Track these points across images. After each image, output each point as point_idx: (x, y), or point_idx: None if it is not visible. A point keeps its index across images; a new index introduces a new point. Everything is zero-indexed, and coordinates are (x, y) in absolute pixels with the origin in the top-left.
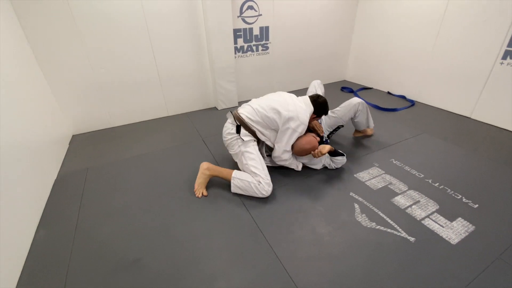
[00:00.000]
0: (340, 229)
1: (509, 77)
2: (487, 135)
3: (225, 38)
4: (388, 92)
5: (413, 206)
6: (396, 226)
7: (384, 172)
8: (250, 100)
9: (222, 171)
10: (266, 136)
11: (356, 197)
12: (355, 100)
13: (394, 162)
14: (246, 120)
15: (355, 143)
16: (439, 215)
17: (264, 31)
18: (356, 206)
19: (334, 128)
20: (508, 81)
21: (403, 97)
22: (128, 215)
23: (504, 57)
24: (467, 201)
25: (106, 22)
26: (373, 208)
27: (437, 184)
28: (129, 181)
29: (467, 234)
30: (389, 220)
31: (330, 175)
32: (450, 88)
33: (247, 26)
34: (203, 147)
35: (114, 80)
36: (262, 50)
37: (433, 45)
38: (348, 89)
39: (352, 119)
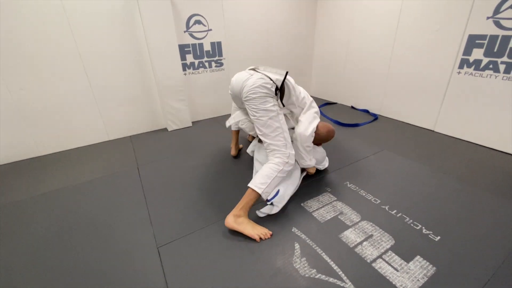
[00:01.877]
0: (271, 281)
1: (468, 86)
2: (452, 150)
3: (170, 55)
4: (352, 107)
5: (364, 243)
6: (340, 273)
7: (335, 198)
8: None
9: (246, 201)
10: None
11: (299, 233)
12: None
13: (349, 185)
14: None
15: None
16: (394, 254)
17: (216, 46)
18: (297, 246)
19: None
20: (467, 91)
21: (366, 111)
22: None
23: (460, 66)
24: (428, 232)
25: (25, 38)
26: (317, 248)
27: (395, 211)
28: (28, 226)
29: (425, 279)
30: (333, 265)
31: None
32: (412, 100)
33: (197, 42)
34: (135, 177)
35: (38, 102)
36: (216, 66)
37: (390, 56)
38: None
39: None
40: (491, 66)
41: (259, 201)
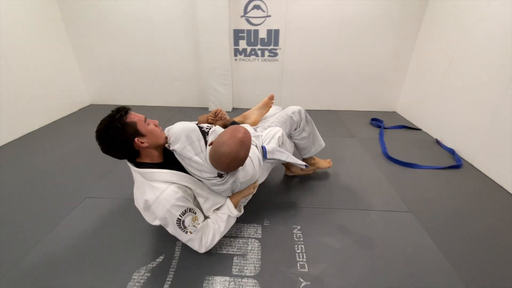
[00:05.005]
0: None
1: None
2: None
3: (220, 38)
4: (437, 141)
5: None
6: None
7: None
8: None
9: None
10: None
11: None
12: (291, 108)
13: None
14: None
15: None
16: None
17: (273, 34)
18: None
19: None
20: None
21: (452, 151)
22: None
23: None
24: None
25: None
26: None
27: None
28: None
29: None
30: None
31: None
32: None
33: (252, 28)
34: None
35: (137, 66)
36: (270, 56)
37: (503, 93)
38: (379, 122)
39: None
40: None
41: None
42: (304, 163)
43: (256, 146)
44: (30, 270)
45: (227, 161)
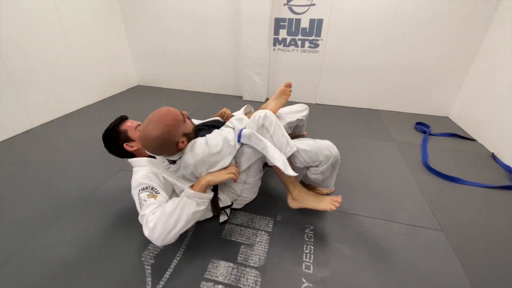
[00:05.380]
0: None
1: None
2: None
3: (260, 27)
4: (493, 155)
5: None
6: None
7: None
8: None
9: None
10: None
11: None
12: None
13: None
14: None
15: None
16: None
17: (316, 24)
18: None
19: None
20: None
21: (509, 169)
22: None
23: None
24: None
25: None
26: None
27: None
28: None
29: None
30: None
31: None
32: None
33: (294, 17)
34: None
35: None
36: (310, 47)
37: None
38: (424, 127)
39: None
40: None
41: None
42: (292, 172)
43: (234, 128)
44: (76, 217)
45: (142, 142)
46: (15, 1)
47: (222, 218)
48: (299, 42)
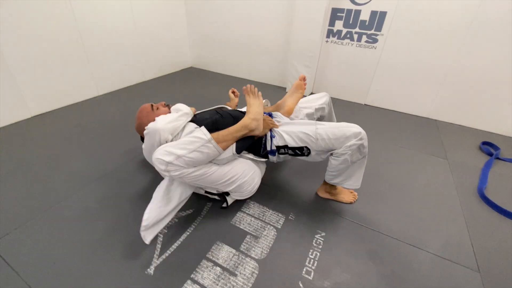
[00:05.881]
0: None
1: None
2: None
3: (314, 14)
4: None
5: None
6: None
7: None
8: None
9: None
10: None
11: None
12: (354, 128)
13: None
14: None
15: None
16: None
17: (378, 17)
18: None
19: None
20: None
21: None
22: None
23: None
24: None
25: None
26: None
27: None
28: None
29: None
30: None
31: None
32: None
33: (354, 7)
34: None
35: (232, 38)
36: (367, 42)
37: None
38: (492, 148)
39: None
40: None
41: None
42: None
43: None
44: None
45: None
46: None
47: (230, 200)
48: (355, 36)
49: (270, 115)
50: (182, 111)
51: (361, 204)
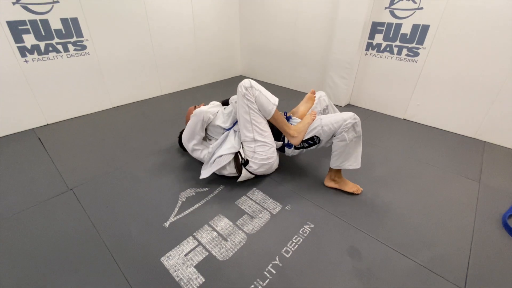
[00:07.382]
0: None
1: None
2: None
3: (354, 27)
4: None
5: None
6: None
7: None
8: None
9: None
10: None
11: None
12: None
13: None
14: None
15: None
16: None
17: (420, 30)
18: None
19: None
20: None
21: None
22: None
23: None
24: None
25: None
26: None
27: None
28: None
29: None
30: None
31: None
32: None
33: (395, 21)
34: None
35: (275, 48)
36: (407, 55)
37: None
38: None
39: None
40: None
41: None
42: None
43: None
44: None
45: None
46: (161, 5)
47: (241, 177)
48: (395, 49)
49: (289, 118)
50: (215, 103)
51: (362, 210)
